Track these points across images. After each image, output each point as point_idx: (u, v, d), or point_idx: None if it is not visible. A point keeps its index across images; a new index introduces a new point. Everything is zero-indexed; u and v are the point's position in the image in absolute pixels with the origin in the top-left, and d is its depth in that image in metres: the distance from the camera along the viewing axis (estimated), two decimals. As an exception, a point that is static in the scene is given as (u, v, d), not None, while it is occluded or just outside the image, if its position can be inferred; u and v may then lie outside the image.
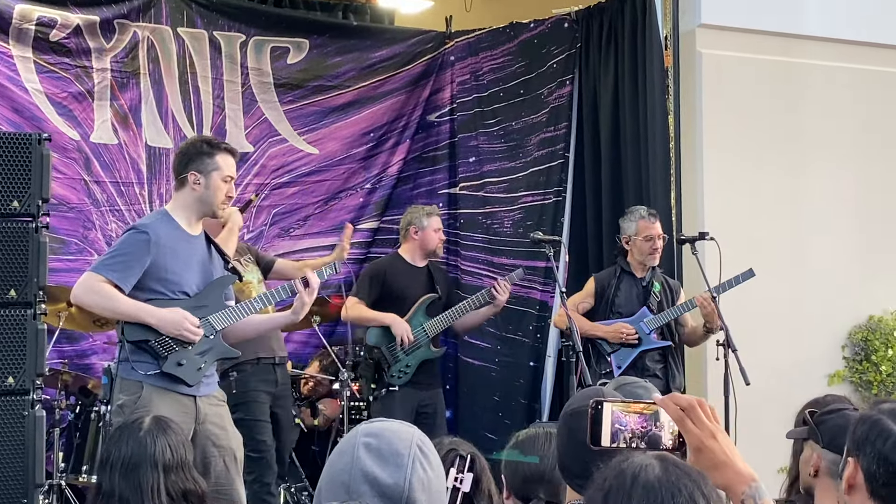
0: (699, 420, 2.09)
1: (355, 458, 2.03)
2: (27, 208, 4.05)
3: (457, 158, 8.36)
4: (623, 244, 6.80)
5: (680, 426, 2.10)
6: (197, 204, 4.92)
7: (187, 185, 4.90)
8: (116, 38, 7.34)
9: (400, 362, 6.64)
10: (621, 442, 2.10)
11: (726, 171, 7.49)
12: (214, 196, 4.90)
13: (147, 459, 3.36)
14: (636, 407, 2.13)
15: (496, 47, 8.30)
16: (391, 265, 6.91)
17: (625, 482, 1.82)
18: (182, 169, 4.92)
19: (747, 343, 6.37)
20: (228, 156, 4.97)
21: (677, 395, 2.15)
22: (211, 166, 4.89)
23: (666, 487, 1.79)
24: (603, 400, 2.13)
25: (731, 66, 7.57)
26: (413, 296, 6.78)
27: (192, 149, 4.97)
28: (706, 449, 2.08)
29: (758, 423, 6.16)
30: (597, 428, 2.11)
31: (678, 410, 2.10)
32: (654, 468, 1.82)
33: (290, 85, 7.92)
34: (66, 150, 7.15)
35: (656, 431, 2.11)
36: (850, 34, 7.93)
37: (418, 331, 6.68)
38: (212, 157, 4.90)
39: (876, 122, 7.98)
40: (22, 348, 4.01)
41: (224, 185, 4.92)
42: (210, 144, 4.98)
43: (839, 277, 7.68)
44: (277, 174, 7.91)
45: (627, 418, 2.11)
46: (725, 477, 2.07)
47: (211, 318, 4.87)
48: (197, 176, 4.88)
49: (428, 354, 6.74)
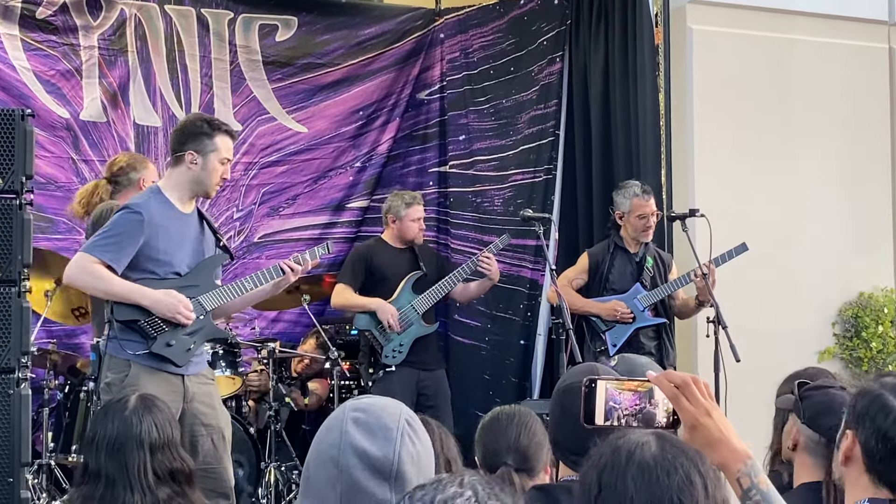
0: (694, 397, 2.08)
1: (344, 432, 2.04)
2: (10, 185, 4.00)
3: (446, 136, 8.34)
4: (616, 218, 6.80)
5: (674, 403, 2.09)
6: (191, 183, 4.88)
7: (183, 164, 4.86)
8: (103, 16, 7.30)
9: (392, 342, 6.66)
10: (615, 420, 2.09)
11: (717, 147, 7.47)
12: (210, 177, 4.86)
13: (133, 438, 3.34)
14: (630, 384, 2.12)
15: (486, 24, 8.26)
16: (373, 249, 6.93)
17: (620, 459, 1.80)
18: (179, 146, 4.87)
19: (737, 319, 6.37)
20: (227, 137, 4.92)
21: (672, 372, 2.13)
22: (209, 147, 4.84)
23: (661, 466, 1.78)
24: (597, 378, 2.12)
25: (722, 43, 7.55)
26: (397, 276, 6.80)
27: (192, 127, 4.91)
28: (701, 426, 2.07)
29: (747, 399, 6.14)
30: (590, 406, 2.10)
31: (672, 388, 2.09)
32: (651, 446, 1.81)
33: (279, 63, 7.89)
34: (55, 129, 7.12)
35: (651, 409, 2.10)
36: (841, 10, 7.90)
37: (407, 308, 6.69)
38: (211, 137, 4.85)
39: (865, 97, 7.96)
40: (7, 326, 3.97)
41: (220, 167, 4.88)
42: (211, 125, 4.91)
43: (830, 254, 7.67)
44: (266, 153, 7.88)
45: (621, 396, 2.10)
46: (720, 454, 2.06)
47: (201, 298, 4.84)
48: (195, 156, 4.83)
49: (420, 331, 6.74)
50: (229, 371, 6.74)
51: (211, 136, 4.85)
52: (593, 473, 1.82)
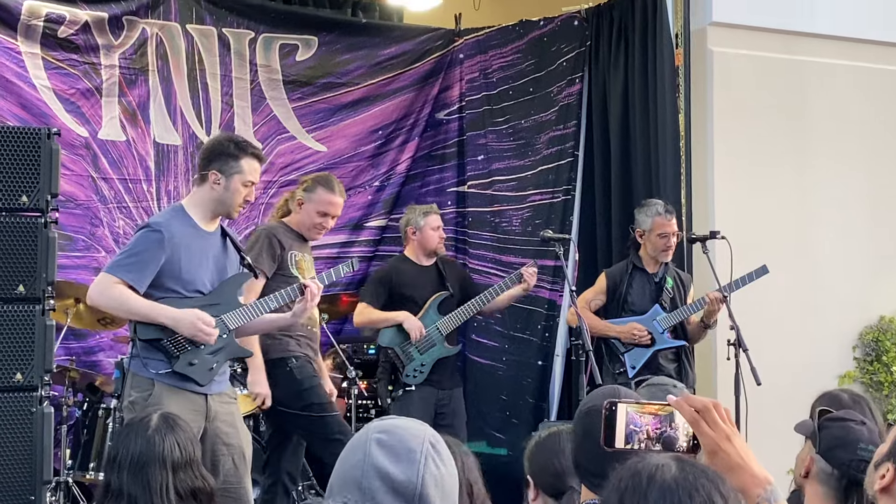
0: (714, 422, 2.07)
1: (367, 454, 2.02)
2: (36, 203, 4.03)
3: (465, 156, 8.34)
4: (636, 237, 6.76)
5: (694, 428, 2.08)
6: (213, 203, 4.88)
7: (207, 183, 4.86)
8: (125, 35, 7.32)
9: (414, 361, 6.62)
10: (636, 443, 2.08)
11: (737, 169, 7.46)
12: (232, 198, 4.86)
13: (156, 457, 3.35)
14: (651, 408, 2.11)
15: (505, 45, 8.27)
16: (396, 268, 6.89)
17: (641, 482, 1.79)
18: (205, 165, 4.89)
19: (758, 342, 6.35)
20: (254, 160, 4.92)
21: (692, 396, 2.13)
22: (234, 168, 4.84)
23: (683, 487, 1.77)
24: (617, 401, 2.11)
25: (742, 65, 7.55)
26: (422, 296, 6.75)
27: (219, 147, 4.93)
28: (721, 451, 2.06)
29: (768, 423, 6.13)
30: (611, 429, 2.09)
31: (693, 412, 2.08)
32: (671, 468, 1.80)
33: (299, 82, 7.91)
34: (74, 147, 7.14)
35: (671, 433, 2.09)
36: (861, 33, 7.91)
37: (431, 329, 6.65)
38: (237, 159, 4.85)
39: (885, 119, 7.96)
40: (30, 344, 3.99)
41: (244, 189, 4.87)
42: (238, 146, 4.91)
43: (850, 277, 7.65)
44: (285, 171, 7.89)
45: (642, 419, 2.09)
46: (741, 480, 2.05)
47: (224, 316, 4.83)
48: (218, 176, 4.83)
49: (443, 352, 6.71)
50: (247, 390, 6.74)
51: (237, 157, 4.85)
52: (614, 497, 1.82)
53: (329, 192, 5.97)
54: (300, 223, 6.01)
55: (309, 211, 5.97)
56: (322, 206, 5.95)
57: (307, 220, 5.98)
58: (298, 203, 6.01)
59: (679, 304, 6.69)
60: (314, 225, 5.98)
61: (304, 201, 5.98)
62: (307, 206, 5.97)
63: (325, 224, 6.01)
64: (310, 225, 5.99)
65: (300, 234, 6.02)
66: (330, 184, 6.02)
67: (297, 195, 6.07)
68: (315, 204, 5.95)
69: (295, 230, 6.01)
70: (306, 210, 5.97)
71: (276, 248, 5.83)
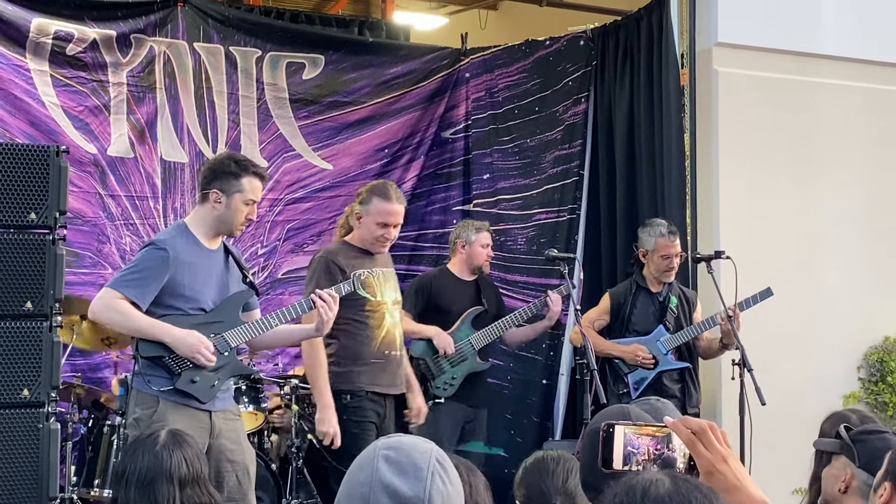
0: (710, 444, 2.08)
1: (375, 470, 2.03)
2: (44, 220, 4.05)
3: (471, 175, 8.36)
4: (640, 256, 6.74)
5: (691, 449, 2.09)
6: (215, 222, 4.89)
7: (208, 202, 4.87)
8: (133, 53, 7.36)
9: (445, 374, 6.61)
10: (633, 465, 2.09)
11: (742, 189, 7.47)
12: (234, 217, 4.87)
13: (163, 473, 3.35)
14: (648, 430, 2.12)
15: (511, 64, 8.30)
16: (437, 278, 6.87)
17: (635, 496, 1.81)
18: (206, 184, 4.90)
19: (762, 362, 6.35)
20: (256, 179, 4.91)
21: (688, 418, 2.14)
22: (235, 187, 4.84)
23: (677, 501, 1.79)
24: (615, 423, 2.12)
25: (747, 85, 7.57)
26: (459, 309, 6.74)
27: (220, 166, 4.92)
28: (717, 473, 2.07)
29: (773, 443, 6.14)
30: (608, 451, 2.10)
31: (689, 434, 2.09)
32: (665, 483, 1.82)
33: (306, 100, 7.94)
34: (82, 164, 7.16)
35: (669, 454, 2.10)
36: (865, 53, 7.93)
37: (464, 343, 6.64)
38: (238, 178, 4.85)
39: (889, 140, 7.98)
40: (37, 360, 4.00)
41: (245, 207, 4.87)
42: (239, 165, 4.91)
43: (855, 297, 7.65)
44: (292, 189, 7.92)
45: (639, 441, 2.10)
46: (737, 501, 2.06)
47: (226, 334, 4.84)
48: (219, 195, 4.84)
49: (474, 367, 6.70)
50: (252, 406, 6.74)
51: (238, 176, 4.85)
52: None
53: (385, 201, 5.64)
54: (362, 238, 5.70)
55: (368, 224, 5.65)
56: (380, 216, 5.61)
57: (368, 235, 5.66)
58: (357, 217, 5.71)
59: (684, 323, 6.68)
60: (376, 238, 5.66)
61: (362, 214, 5.67)
62: (365, 219, 5.66)
63: (387, 235, 5.66)
64: (371, 239, 5.66)
65: (365, 251, 5.72)
66: (385, 192, 5.69)
67: (354, 209, 5.76)
68: (373, 216, 5.63)
69: (358, 246, 5.72)
70: (365, 224, 5.66)
71: (336, 272, 5.53)
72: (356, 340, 5.65)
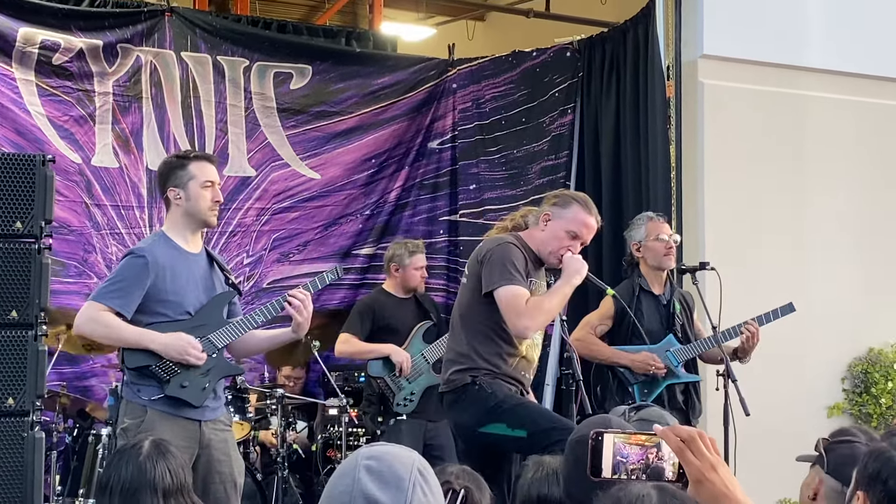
0: (699, 452, 2.08)
1: (356, 479, 2.01)
2: (30, 229, 4.04)
3: (457, 185, 8.38)
4: (634, 252, 6.35)
5: (680, 457, 2.09)
6: (185, 218, 4.87)
7: (171, 203, 4.88)
8: (119, 63, 7.36)
9: (404, 390, 6.67)
10: (623, 473, 2.08)
11: (727, 201, 7.50)
12: (198, 204, 4.84)
13: (146, 484, 3.35)
14: (638, 438, 2.12)
15: (498, 75, 8.33)
16: (377, 300, 6.96)
17: None
18: (163, 190, 4.92)
19: (747, 373, 6.34)
20: (203, 162, 4.92)
21: (678, 426, 2.14)
22: (186, 177, 4.84)
23: None
24: (604, 431, 2.12)
25: (733, 97, 7.60)
26: (405, 326, 6.82)
27: (165, 167, 4.95)
28: (706, 481, 2.07)
29: (757, 454, 6.14)
30: (597, 459, 2.10)
31: (678, 442, 2.09)
32: (652, 498, 1.82)
33: (293, 110, 7.95)
34: (68, 173, 7.16)
35: (658, 463, 2.10)
36: (851, 66, 7.97)
37: (417, 358, 6.71)
38: (184, 167, 4.85)
39: (875, 152, 8.01)
40: (22, 369, 3.99)
41: (205, 190, 4.85)
42: (180, 157, 4.98)
43: (840, 309, 7.68)
44: (279, 199, 7.92)
45: (629, 449, 2.10)
46: None
47: (212, 336, 4.83)
48: (176, 191, 4.84)
49: (430, 380, 6.73)
50: (238, 416, 6.74)
51: (184, 166, 4.86)
52: None
53: (587, 213, 5.07)
54: (542, 242, 5.07)
55: (555, 229, 5.03)
56: (575, 224, 5.02)
57: (551, 240, 5.05)
58: (544, 218, 5.09)
59: (688, 331, 6.35)
60: (559, 247, 5.02)
61: (553, 217, 5.06)
62: (555, 223, 5.05)
63: (571, 248, 5.03)
64: (554, 247, 5.03)
65: (537, 257, 5.11)
66: (588, 204, 5.13)
67: (543, 209, 5.15)
68: (566, 221, 5.03)
69: (533, 251, 5.10)
70: (552, 227, 5.04)
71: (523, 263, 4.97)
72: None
